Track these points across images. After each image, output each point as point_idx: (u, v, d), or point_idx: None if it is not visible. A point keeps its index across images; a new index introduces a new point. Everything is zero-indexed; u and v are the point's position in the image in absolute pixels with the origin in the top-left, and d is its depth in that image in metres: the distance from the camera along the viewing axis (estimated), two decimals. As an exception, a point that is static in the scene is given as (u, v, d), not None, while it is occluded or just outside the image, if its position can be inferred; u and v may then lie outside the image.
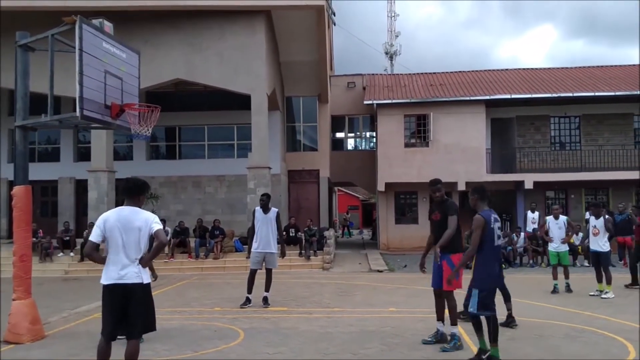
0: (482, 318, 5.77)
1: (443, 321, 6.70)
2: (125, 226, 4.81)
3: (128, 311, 4.79)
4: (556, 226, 11.00)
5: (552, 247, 11.05)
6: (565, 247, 11.02)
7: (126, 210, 4.92)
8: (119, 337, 4.93)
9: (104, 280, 4.83)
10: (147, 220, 4.86)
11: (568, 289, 10.74)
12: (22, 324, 7.13)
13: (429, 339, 6.70)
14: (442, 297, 6.64)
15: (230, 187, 21.48)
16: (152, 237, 4.90)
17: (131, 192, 5.05)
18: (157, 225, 4.85)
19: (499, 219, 6.03)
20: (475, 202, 6.10)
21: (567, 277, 10.91)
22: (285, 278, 13.22)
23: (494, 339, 5.65)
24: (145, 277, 4.88)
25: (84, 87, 6.97)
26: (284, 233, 16.61)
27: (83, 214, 20.07)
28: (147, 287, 4.90)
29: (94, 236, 4.85)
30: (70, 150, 22.24)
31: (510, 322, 7.62)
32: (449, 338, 6.50)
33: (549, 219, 11.20)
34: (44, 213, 22.04)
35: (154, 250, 4.85)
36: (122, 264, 4.78)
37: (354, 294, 11.20)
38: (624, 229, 14.57)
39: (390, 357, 6.22)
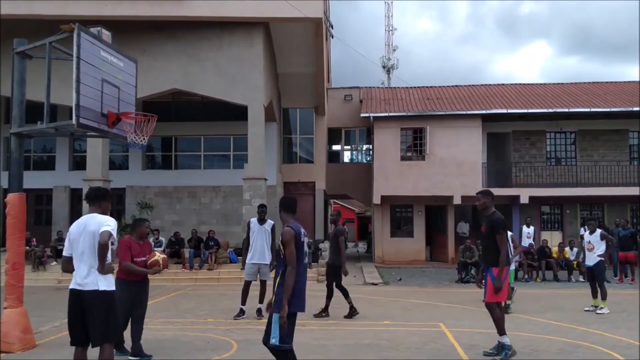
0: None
1: (505, 333, 6.67)
2: (82, 232, 4.87)
3: (86, 318, 4.78)
4: None
5: None
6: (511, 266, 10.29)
7: (85, 218, 5.00)
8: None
9: (70, 286, 4.91)
10: (99, 223, 4.85)
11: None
12: (13, 332, 7.06)
13: (491, 351, 6.67)
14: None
15: (225, 198, 21.40)
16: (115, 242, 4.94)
17: (91, 199, 5.12)
18: (105, 227, 4.79)
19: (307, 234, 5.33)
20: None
21: (509, 297, 9.44)
22: (279, 290, 13.12)
23: None
24: (103, 284, 4.81)
25: (81, 95, 6.96)
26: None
27: (77, 223, 19.96)
28: (105, 294, 4.82)
29: (65, 250, 4.99)
30: (65, 159, 22.18)
31: (353, 312, 9.44)
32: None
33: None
34: (38, 221, 21.89)
35: (97, 252, 4.79)
36: (81, 271, 4.83)
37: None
38: (627, 244, 14.46)
39: (385, 370, 6.17)
